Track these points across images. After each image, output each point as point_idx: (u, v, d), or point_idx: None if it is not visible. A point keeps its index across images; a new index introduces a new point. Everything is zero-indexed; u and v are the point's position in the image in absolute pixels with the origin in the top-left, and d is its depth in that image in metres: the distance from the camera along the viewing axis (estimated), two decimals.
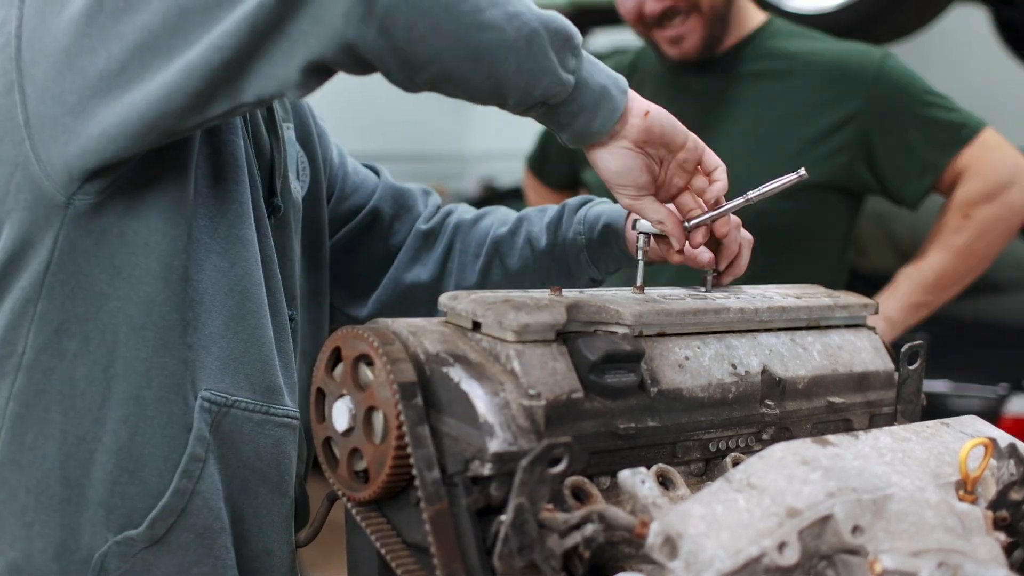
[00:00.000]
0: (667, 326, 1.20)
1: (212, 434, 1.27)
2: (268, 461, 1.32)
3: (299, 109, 1.55)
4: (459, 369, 1.05)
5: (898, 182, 2.21)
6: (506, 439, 1.02)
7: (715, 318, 1.24)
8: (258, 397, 1.30)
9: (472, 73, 1.10)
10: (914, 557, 1.00)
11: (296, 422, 1.35)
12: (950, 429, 1.23)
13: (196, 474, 1.26)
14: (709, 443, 1.20)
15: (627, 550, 1.01)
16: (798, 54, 2.26)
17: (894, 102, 2.19)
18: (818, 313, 1.35)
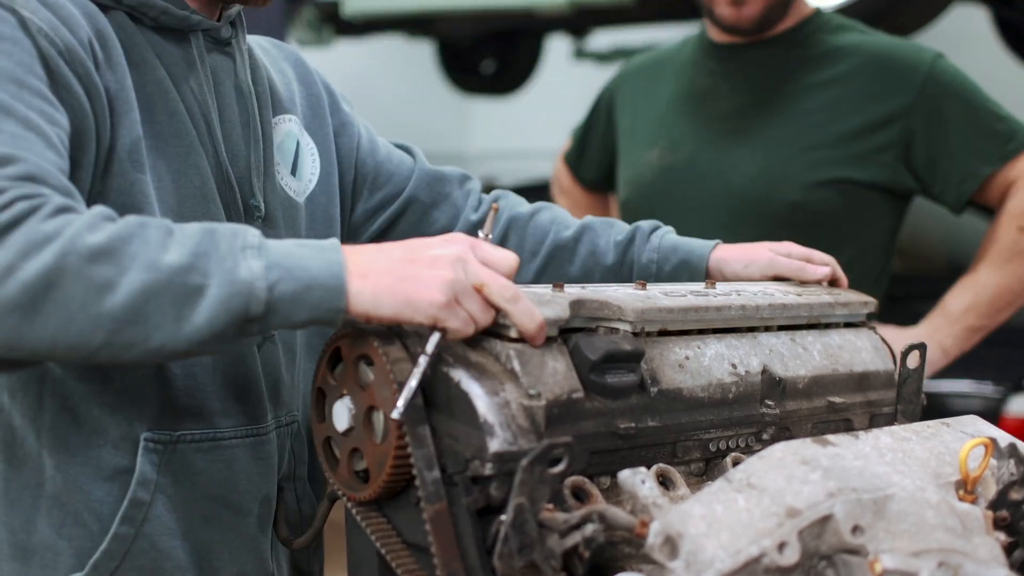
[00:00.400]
0: (669, 323, 1.20)
1: (162, 473, 1.26)
2: (226, 485, 1.30)
3: (313, 98, 1.52)
4: (459, 369, 1.05)
5: (940, 187, 2.14)
6: (506, 439, 1.02)
7: (716, 315, 1.24)
8: (203, 424, 1.28)
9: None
10: (914, 557, 1.00)
11: (253, 437, 1.32)
12: (950, 429, 1.23)
13: (139, 518, 1.25)
14: (709, 443, 1.20)
15: (627, 550, 1.01)
16: (847, 46, 2.19)
17: (943, 103, 2.11)
18: (819, 311, 1.35)
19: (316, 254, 1.05)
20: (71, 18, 1.19)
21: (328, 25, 5.40)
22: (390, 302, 1.05)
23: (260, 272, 1.02)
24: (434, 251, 1.07)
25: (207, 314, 1.01)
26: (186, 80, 1.29)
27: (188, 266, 1.00)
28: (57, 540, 1.25)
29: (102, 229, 1.00)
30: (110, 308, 0.99)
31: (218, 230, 1.04)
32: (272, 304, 1.02)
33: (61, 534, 1.25)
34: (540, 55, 6.32)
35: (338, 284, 1.04)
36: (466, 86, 6.52)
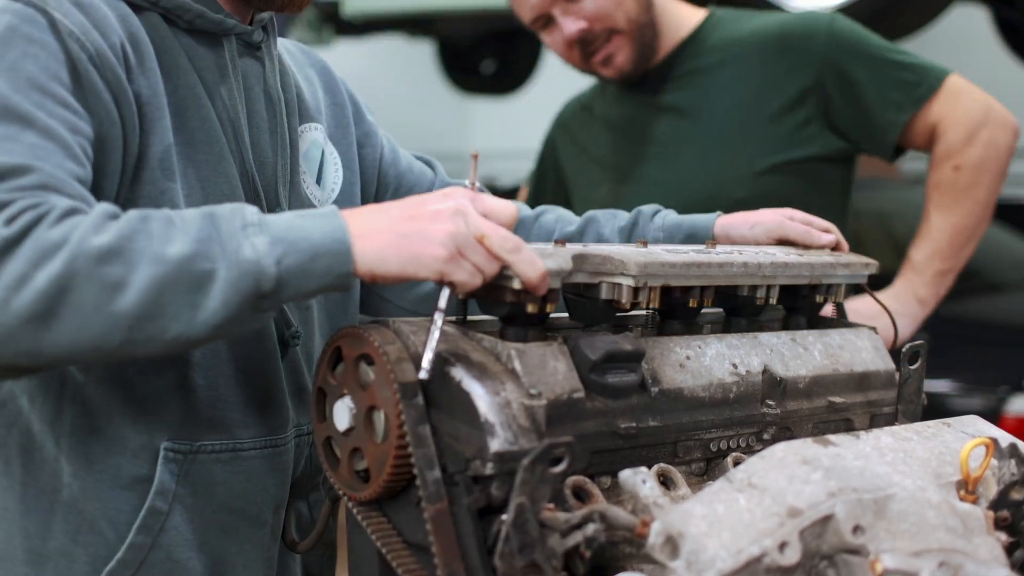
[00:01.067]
0: (671, 277, 1.18)
1: (180, 483, 1.25)
2: (244, 497, 1.30)
3: (338, 107, 1.51)
4: (460, 369, 1.05)
5: (867, 144, 2.20)
6: (507, 438, 1.02)
7: (719, 271, 1.22)
8: (223, 435, 1.28)
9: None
10: (915, 557, 1.00)
11: (272, 448, 1.32)
12: (951, 429, 1.23)
13: (156, 528, 1.25)
14: (710, 443, 1.20)
15: (628, 550, 1.01)
16: (742, 38, 2.24)
17: (847, 65, 2.15)
18: (820, 271, 1.34)
19: (317, 223, 1.06)
20: (104, 21, 1.18)
21: (328, 25, 5.41)
22: (395, 259, 1.05)
23: (265, 249, 1.02)
24: (434, 206, 1.07)
25: (220, 298, 1.01)
26: (217, 85, 1.29)
27: (194, 254, 1.01)
28: (72, 547, 1.25)
29: (107, 229, 1.00)
30: (124, 306, 0.99)
31: (217, 213, 1.04)
32: (282, 278, 1.02)
33: (77, 541, 1.25)
34: (540, 55, 6.32)
35: (343, 249, 1.04)
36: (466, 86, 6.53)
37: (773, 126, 2.17)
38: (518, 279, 1.07)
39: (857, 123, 2.16)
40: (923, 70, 2.16)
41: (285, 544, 1.37)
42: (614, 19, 2.15)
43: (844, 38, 2.17)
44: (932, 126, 2.16)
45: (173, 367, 1.24)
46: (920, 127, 2.16)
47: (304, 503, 1.40)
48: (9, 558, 1.28)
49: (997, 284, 4.12)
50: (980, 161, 2.14)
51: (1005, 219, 4.81)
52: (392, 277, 1.06)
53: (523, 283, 1.07)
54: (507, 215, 1.10)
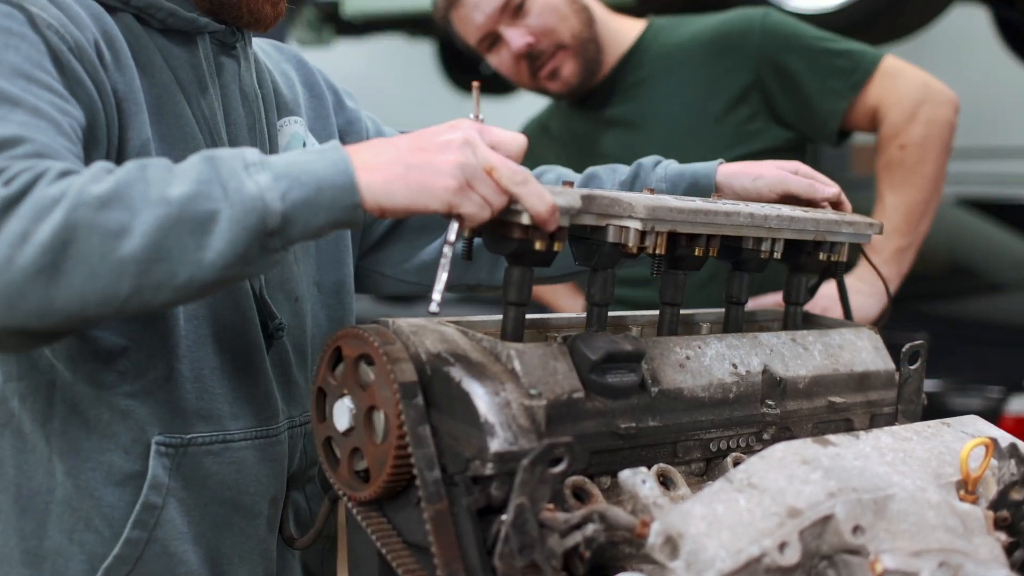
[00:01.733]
0: (679, 223, 1.17)
1: (173, 477, 1.26)
2: (236, 488, 1.30)
3: (316, 99, 1.51)
4: (460, 369, 1.05)
5: (812, 132, 2.24)
6: (507, 439, 1.02)
7: (726, 220, 1.21)
8: (212, 427, 1.28)
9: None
10: (915, 557, 1.00)
11: (263, 438, 1.32)
12: (951, 429, 1.23)
13: (151, 522, 1.25)
14: (710, 443, 1.20)
15: (628, 550, 1.01)
16: (681, 43, 2.27)
17: (783, 58, 2.19)
18: (825, 226, 1.34)
19: (319, 157, 1.04)
20: (78, 18, 1.19)
21: (328, 25, 5.40)
22: (403, 191, 1.04)
23: (268, 184, 1.01)
24: (442, 137, 1.06)
25: (226, 236, 0.99)
26: (193, 84, 1.29)
27: (196, 194, 0.99)
28: (68, 546, 1.26)
29: (105, 179, 1.00)
30: (130, 251, 0.98)
31: (217, 155, 1.03)
32: (287, 214, 1.01)
33: (72, 540, 1.25)
34: None
35: (348, 181, 1.03)
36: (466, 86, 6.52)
37: (719, 126, 2.20)
38: (527, 213, 1.06)
39: (799, 114, 2.20)
40: (858, 55, 2.20)
41: (283, 540, 1.37)
42: (559, 34, 2.20)
43: (778, 32, 2.21)
44: (873, 109, 2.20)
45: (160, 360, 1.24)
46: (861, 111, 2.20)
47: (301, 495, 1.40)
48: (6, 559, 1.28)
49: (997, 284, 4.12)
50: (923, 138, 2.19)
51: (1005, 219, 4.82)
52: (400, 210, 1.05)
53: (532, 217, 1.06)
54: (515, 146, 1.09)
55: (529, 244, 1.08)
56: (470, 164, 1.04)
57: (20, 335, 1.03)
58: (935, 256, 4.70)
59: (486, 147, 1.06)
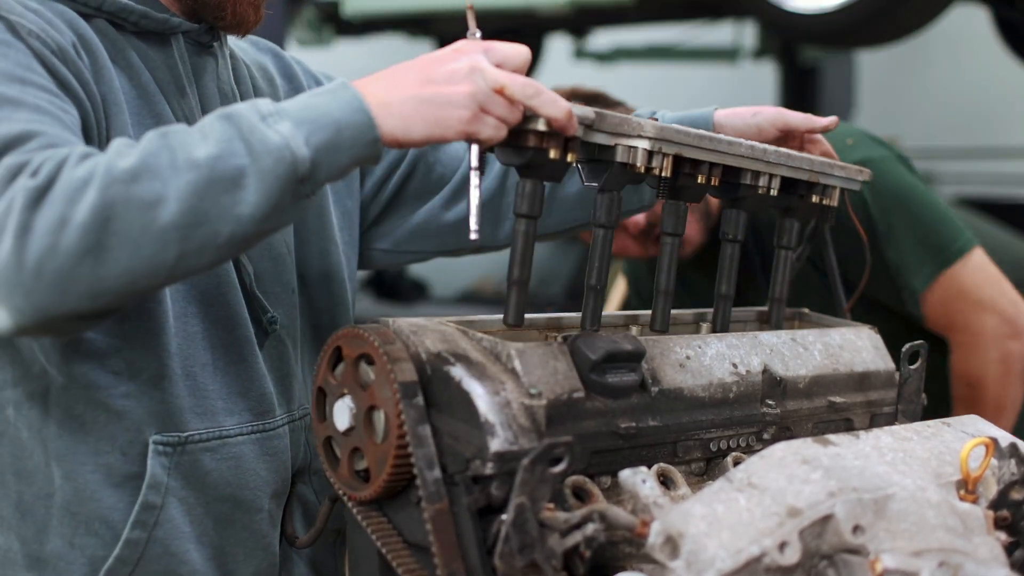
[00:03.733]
0: (685, 148, 1.20)
1: (172, 476, 1.26)
2: (235, 484, 1.30)
3: (296, 91, 1.50)
4: (460, 368, 1.05)
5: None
6: (507, 438, 1.02)
7: (728, 147, 1.24)
8: (208, 424, 1.28)
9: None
10: (915, 557, 1.00)
11: (260, 433, 1.32)
12: (951, 429, 1.23)
13: (151, 522, 1.25)
14: (710, 442, 1.20)
15: (628, 549, 1.01)
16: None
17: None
18: (819, 167, 1.37)
19: (332, 98, 1.06)
20: (53, 24, 1.19)
21: (328, 25, 5.40)
22: (420, 126, 1.07)
23: (291, 132, 1.03)
24: (449, 66, 1.08)
25: (260, 188, 1.01)
26: (170, 84, 1.30)
27: (221, 153, 1.01)
28: (70, 550, 1.26)
29: (130, 153, 1.01)
30: (169, 219, 0.99)
31: (233, 111, 1.05)
32: (315, 158, 1.03)
33: (73, 543, 1.26)
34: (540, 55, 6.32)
35: (365, 118, 1.05)
36: None
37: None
38: (543, 121, 1.08)
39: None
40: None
41: (285, 539, 1.37)
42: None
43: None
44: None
45: (152, 359, 1.24)
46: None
47: (309, 489, 1.40)
48: (10, 563, 1.28)
49: None
50: (998, 378, 2.08)
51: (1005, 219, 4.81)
52: (418, 142, 1.08)
53: (550, 122, 1.08)
54: (521, 59, 1.12)
55: (544, 154, 1.10)
56: (481, 90, 1.06)
57: (74, 319, 1.04)
58: None
59: (492, 67, 1.08)
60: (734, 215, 1.34)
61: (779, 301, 1.41)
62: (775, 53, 5.69)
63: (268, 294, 1.35)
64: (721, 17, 5.34)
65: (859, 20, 3.42)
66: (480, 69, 1.07)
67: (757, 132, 1.42)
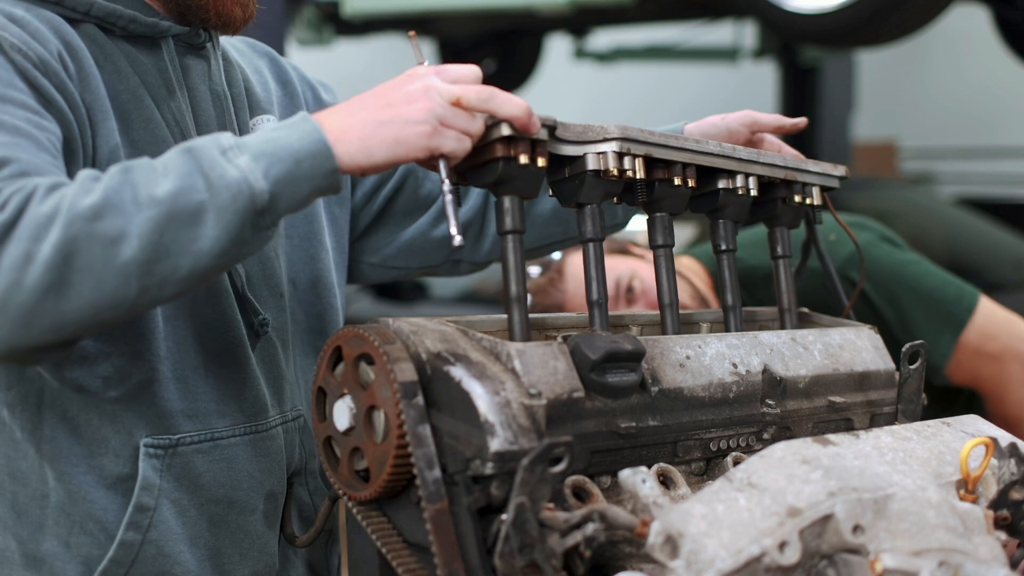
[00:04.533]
0: (653, 148, 1.21)
1: (164, 477, 1.26)
2: (229, 485, 1.30)
3: (290, 96, 1.50)
4: (460, 368, 1.05)
5: None
6: (507, 438, 1.02)
7: (695, 146, 1.27)
8: (200, 426, 1.29)
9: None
10: (915, 556, 1.00)
11: (252, 434, 1.32)
12: (951, 428, 1.23)
13: (145, 524, 1.26)
14: (710, 442, 1.20)
15: (628, 549, 1.01)
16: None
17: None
18: (794, 163, 1.39)
19: (291, 131, 1.08)
20: (38, 32, 1.19)
21: (328, 25, 5.41)
22: (380, 148, 1.08)
23: (249, 165, 1.04)
24: (404, 89, 1.10)
25: (220, 223, 1.03)
26: (160, 88, 1.30)
27: (182, 188, 1.03)
28: (65, 550, 1.26)
29: (93, 189, 1.02)
30: (131, 255, 1.01)
31: (194, 146, 1.06)
32: (274, 190, 1.05)
33: (69, 544, 1.26)
34: (540, 55, 6.32)
35: (323, 148, 1.07)
36: None
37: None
38: (505, 124, 1.10)
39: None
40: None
41: (284, 538, 1.37)
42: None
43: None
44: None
45: (142, 363, 1.25)
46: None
47: (304, 490, 1.40)
48: (7, 561, 1.29)
49: (997, 284, 4.11)
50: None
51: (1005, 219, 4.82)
52: (382, 165, 1.09)
53: (511, 122, 1.10)
54: (473, 76, 1.13)
55: (514, 162, 1.11)
56: (437, 104, 1.08)
57: (37, 351, 1.06)
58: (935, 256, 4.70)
59: (446, 84, 1.10)
60: (720, 226, 1.35)
61: (788, 311, 1.42)
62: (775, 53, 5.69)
63: (258, 297, 1.35)
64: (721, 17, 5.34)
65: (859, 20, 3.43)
66: (435, 87, 1.09)
67: (728, 134, 1.44)
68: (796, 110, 5.83)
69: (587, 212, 1.20)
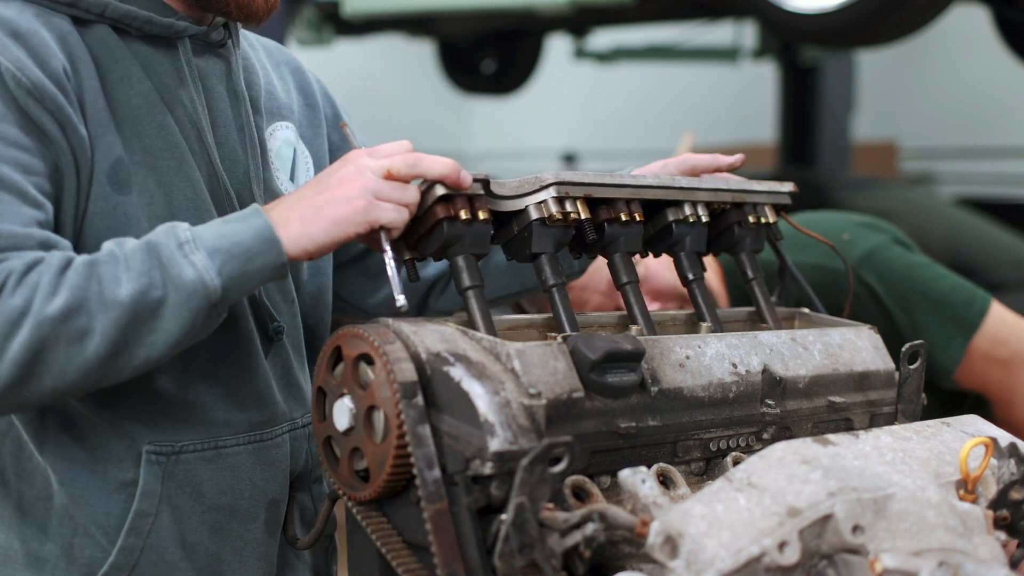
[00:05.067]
0: (590, 188, 1.25)
1: (166, 484, 1.26)
2: (231, 493, 1.30)
3: (311, 108, 1.50)
4: (460, 368, 1.05)
5: None
6: (507, 438, 1.02)
7: (633, 180, 1.29)
8: (203, 435, 1.28)
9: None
10: (915, 556, 1.00)
11: (257, 443, 1.32)
12: (951, 428, 1.23)
13: (145, 530, 1.26)
14: (710, 442, 1.20)
15: (628, 549, 1.01)
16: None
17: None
18: (737, 185, 1.41)
19: (245, 226, 1.14)
20: (42, 46, 1.18)
21: (328, 25, 5.40)
22: (320, 231, 1.14)
23: (204, 264, 1.11)
24: (338, 174, 1.16)
25: (175, 320, 1.11)
26: (176, 89, 1.29)
27: (143, 288, 1.10)
28: (68, 551, 1.27)
29: (61, 288, 1.09)
30: (93, 352, 1.10)
31: (154, 242, 1.12)
32: (226, 286, 1.12)
33: (72, 545, 1.27)
34: (540, 55, 6.32)
35: (274, 246, 1.13)
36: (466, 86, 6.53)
37: None
38: (438, 185, 1.15)
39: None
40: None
41: (287, 540, 1.37)
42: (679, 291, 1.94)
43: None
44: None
45: (149, 372, 1.23)
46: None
47: (308, 496, 1.40)
48: (10, 561, 1.29)
49: (997, 284, 4.11)
50: None
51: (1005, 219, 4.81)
52: (325, 248, 1.15)
53: (442, 180, 1.16)
54: (404, 149, 1.18)
55: (456, 221, 1.16)
56: (370, 180, 1.15)
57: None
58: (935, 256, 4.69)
59: (375, 160, 1.17)
60: (681, 260, 1.36)
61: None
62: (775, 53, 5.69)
63: (272, 303, 1.35)
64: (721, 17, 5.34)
65: (859, 20, 3.42)
66: (367, 166, 1.16)
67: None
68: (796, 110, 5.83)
69: (544, 261, 1.22)
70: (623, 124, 9.14)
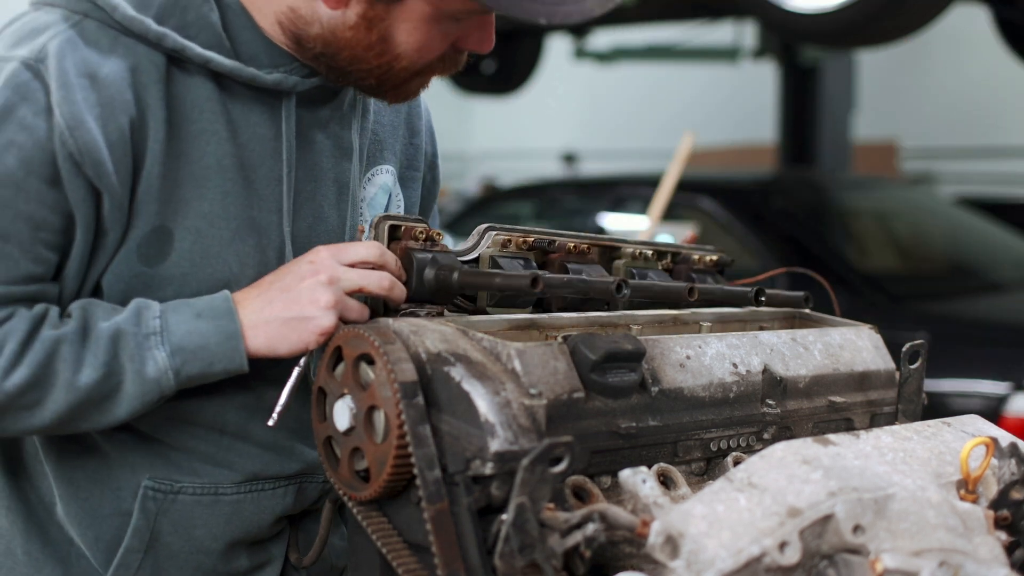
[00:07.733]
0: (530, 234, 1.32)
1: (159, 523, 1.25)
2: (226, 536, 1.28)
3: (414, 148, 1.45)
4: (460, 368, 1.05)
5: None
6: (507, 438, 1.02)
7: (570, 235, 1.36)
8: (205, 479, 1.26)
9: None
10: (915, 556, 1.00)
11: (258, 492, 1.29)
12: (951, 428, 1.23)
13: (134, 565, 1.26)
14: (710, 442, 1.20)
15: (628, 549, 1.01)
16: None
17: None
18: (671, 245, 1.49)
19: (214, 327, 1.17)
20: (112, 101, 1.14)
21: None
22: (285, 346, 1.18)
23: (165, 363, 1.16)
24: (307, 282, 1.18)
25: (126, 406, 1.16)
26: (267, 142, 1.24)
27: (102, 378, 1.15)
28: (66, 558, 1.28)
29: (23, 362, 1.14)
30: (41, 421, 1.16)
31: (121, 331, 1.15)
32: (182, 382, 1.17)
33: (70, 553, 1.28)
34: (540, 55, 6.32)
35: (237, 355, 1.18)
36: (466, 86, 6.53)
37: None
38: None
39: None
40: None
41: (291, 563, 1.35)
42: None
43: None
44: None
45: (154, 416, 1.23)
46: None
47: (315, 523, 1.35)
48: (10, 555, 1.30)
49: (997, 284, 4.12)
50: None
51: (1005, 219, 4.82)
52: (286, 357, 1.19)
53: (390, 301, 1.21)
54: (373, 255, 1.20)
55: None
56: (339, 299, 1.17)
57: None
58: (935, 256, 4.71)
59: (347, 271, 1.18)
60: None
61: None
62: (775, 53, 5.69)
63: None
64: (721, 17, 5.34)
65: (859, 20, 3.43)
66: (337, 279, 1.17)
67: None
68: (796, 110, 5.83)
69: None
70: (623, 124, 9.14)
